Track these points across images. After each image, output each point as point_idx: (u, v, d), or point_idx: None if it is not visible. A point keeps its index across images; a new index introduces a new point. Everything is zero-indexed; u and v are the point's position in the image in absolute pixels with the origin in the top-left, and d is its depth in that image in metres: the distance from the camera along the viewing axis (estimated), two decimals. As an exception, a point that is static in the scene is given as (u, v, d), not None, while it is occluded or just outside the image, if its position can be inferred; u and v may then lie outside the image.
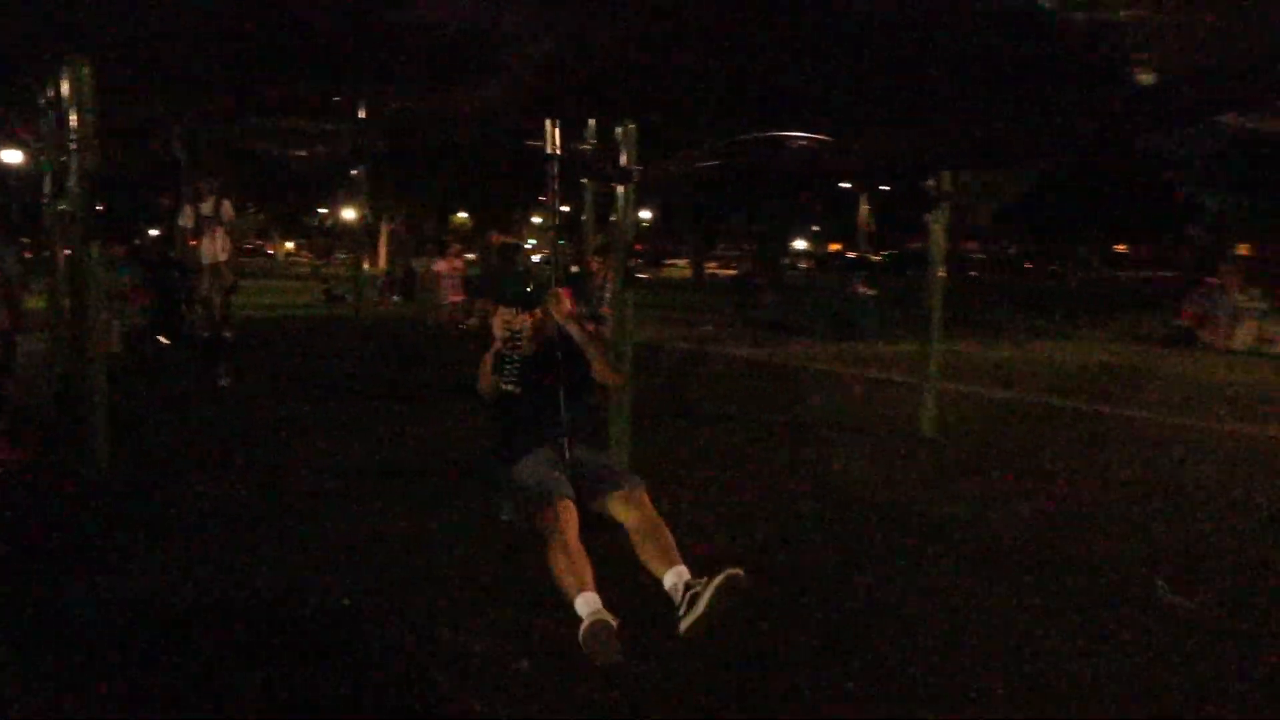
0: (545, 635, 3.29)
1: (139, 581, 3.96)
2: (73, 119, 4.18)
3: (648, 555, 2.98)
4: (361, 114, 9.71)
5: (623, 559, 3.19)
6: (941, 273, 7.50)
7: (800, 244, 50.00)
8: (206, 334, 8.88)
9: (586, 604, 2.72)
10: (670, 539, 3.00)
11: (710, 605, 2.70)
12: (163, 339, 9.96)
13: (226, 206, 8.71)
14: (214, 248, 8.48)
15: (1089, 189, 37.18)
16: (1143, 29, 13.30)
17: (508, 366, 3.23)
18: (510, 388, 3.24)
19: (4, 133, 15.20)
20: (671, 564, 2.91)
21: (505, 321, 3.19)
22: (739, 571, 2.74)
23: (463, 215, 53.24)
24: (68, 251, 5.25)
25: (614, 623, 2.67)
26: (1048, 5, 13.56)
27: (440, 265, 15.98)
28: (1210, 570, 4.37)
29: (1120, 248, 58.27)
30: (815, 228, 50.47)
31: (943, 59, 16.94)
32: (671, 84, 20.12)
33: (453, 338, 10.03)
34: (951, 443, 7.14)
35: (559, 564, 2.83)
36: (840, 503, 5.47)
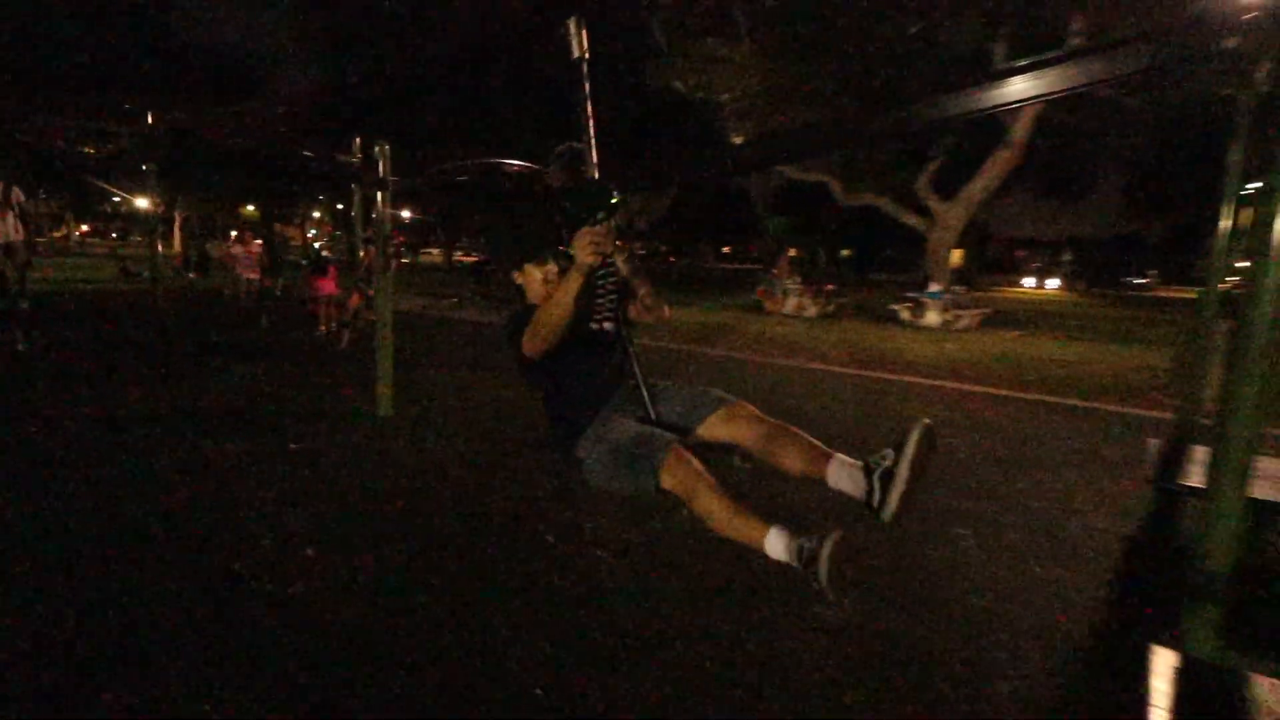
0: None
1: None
2: None
3: (794, 459, 1.91)
4: (149, 119, 8.23)
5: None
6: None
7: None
8: (3, 305, 7.24)
9: (782, 539, 1.72)
10: (804, 433, 1.94)
11: (912, 469, 1.72)
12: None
13: (17, 192, 7.07)
14: (6, 228, 6.88)
15: (707, 207, 40.82)
16: (737, 108, 14.69)
17: (600, 300, 2.06)
18: (607, 325, 2.09)
19: None
20: (829, 456, 1.87)
21: (593, 242, 1.79)
22: (929, 422, 1.78)
23: (250, 208, 46.68)
24: None
25: (836, 537, 1.65)
26: (683, 91, 14.56)
27: (237, 248, 14.74)
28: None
29: (726, 249, 64.37)
30: (533, 228, 50.37)
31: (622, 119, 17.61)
32: (415, 115, 19.17)
33: (328, 337, 9.26)
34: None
35: (720, 514, 1.74)
36: (529, 427, 5.69)
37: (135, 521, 3.35)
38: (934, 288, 14.47)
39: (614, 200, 1.85)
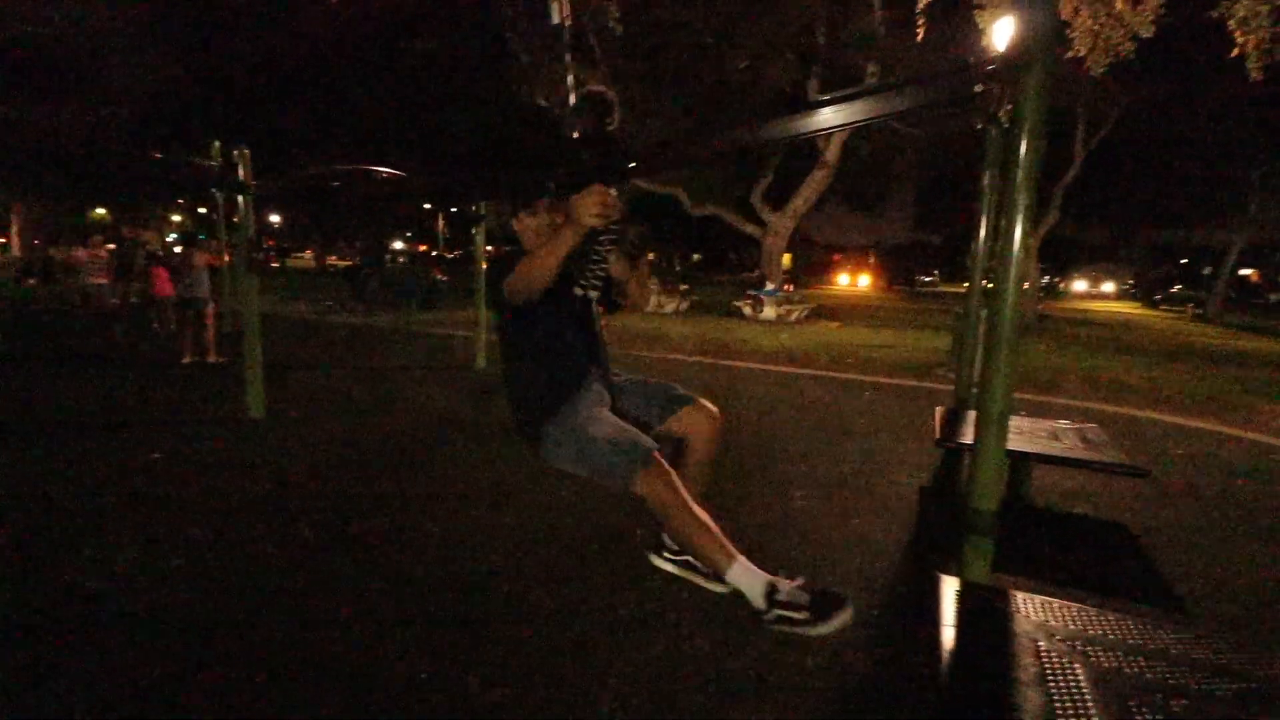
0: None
1: None
2: None
3: (698, 470, 1.86)
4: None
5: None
6: (484, 264, 7.71)
7: (398, 244, 46.91)
8: None
9: (745, 572, 1.59)
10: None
11: (694, 574, 1.81)
12: None
13: None
14: None
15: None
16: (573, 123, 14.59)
17: (594, 264, 1.73)
18: (591, 293, 1.79)
19: None
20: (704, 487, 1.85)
21: (602, 204, 1.48)
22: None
23: (101, 210, 40.45)
24: None
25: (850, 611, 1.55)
26: (557, 112, 14.27)
27: (80, 252, 12.55)
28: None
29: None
30: (408, 233, 47.73)
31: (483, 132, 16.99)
32: (273, 118, 17.46)
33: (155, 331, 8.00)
34: (494, 371, 7.29)
35: (696, 532, 1.59)
36: (413, 412, 5.43)
37: (-44, 551, 2.78)
38: (770, 286, 15.35)
39: (631, 165, 1.64)
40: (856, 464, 4.37)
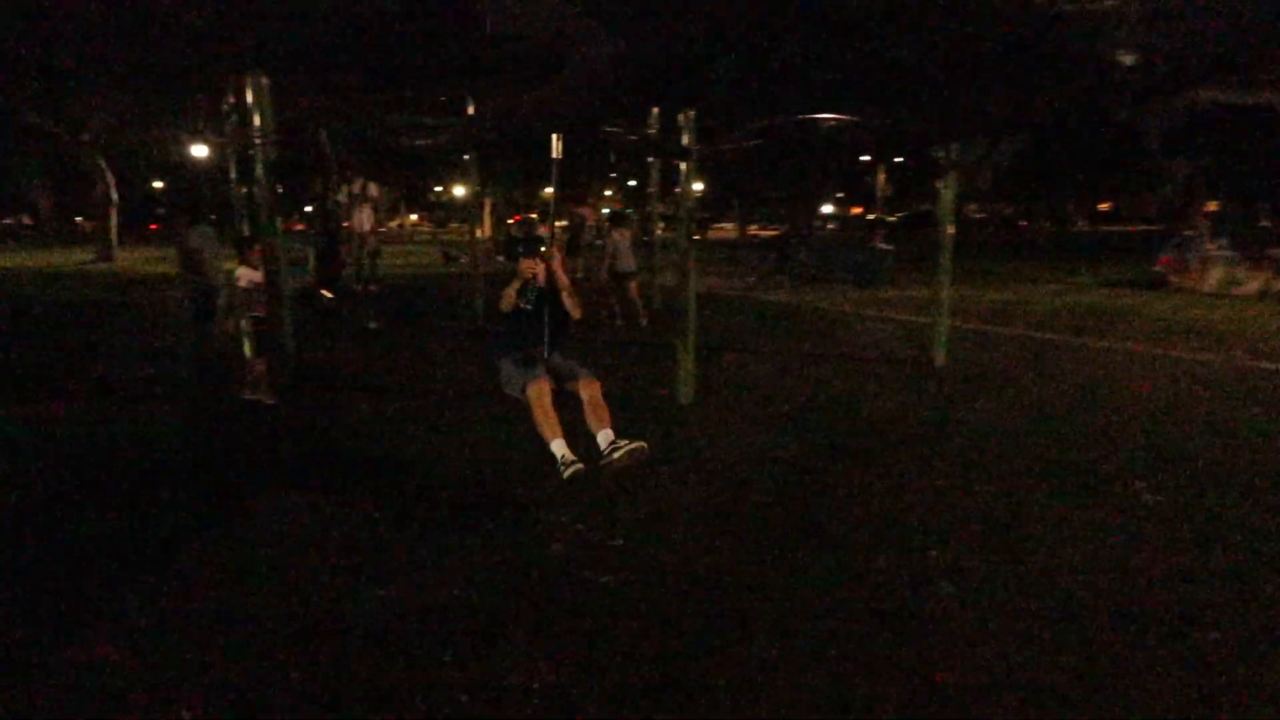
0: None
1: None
2: (256, 120, 4.32)
3: (591, 421, 3.62)
4: (470, 110, 9.75)
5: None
6: (951, 229, 7.32)
7: (828, 208, 48.82)
8: (358, 288, 9.26)
9: (559, 447, 3.51)
10: (607, 413, 3.65)
11: (622, 459, 3.40)
12: (326, 294, 10.46)
13: (372, 187, 8.94)
14: (361, 219, 8.73)
15: (1070, 155, 35.45)
16: (1125, 16, 12.50)
17: (528, 293, 3.90)
18: (526, 305, 3.91)
19: (195, 133, 15.68)
20: (603, 428, 3.58)
21: (529, 265, 3.84)
22: (645, 445, 3.45)
23: (548, 190, 52.97)
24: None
25: (579, 462, 3.45)
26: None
27: (543, 229, 16.37)
28: (1176, 471, 4.29)
29: (1103, 206, 55.46)
30: (840, 194, 49.23)
31: (949, 47, 16.22)
32: (717, 79, 19.78)
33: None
34: (958, 371, 7.05)
35: (540, 419, 3.55)
36: (860, 417, 5.47)
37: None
38: None
39: (542, 249, 3.94)
40: None
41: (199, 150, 20.30)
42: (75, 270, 20.58)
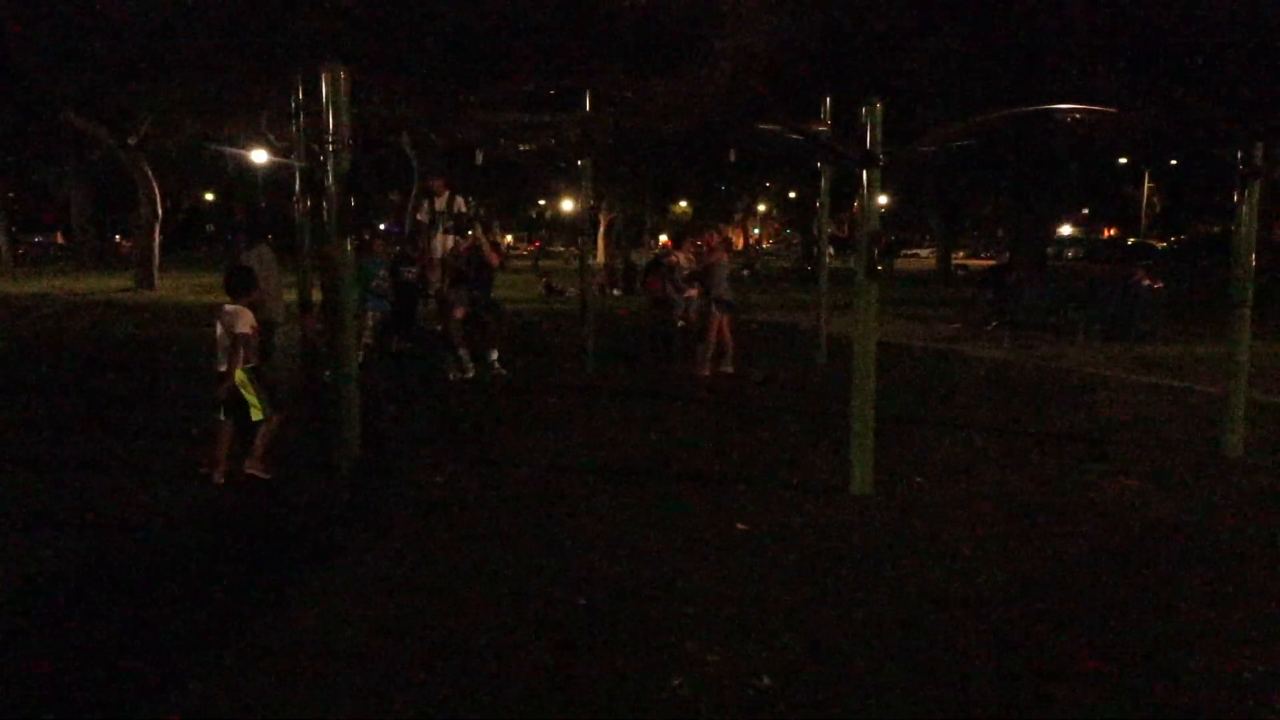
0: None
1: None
2: (330, 122, 4.70)
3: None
4: (587, 104, 10.19)
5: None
6: (1252, 260, 6.89)
7: (1066, 229, 47.09)
8: (439, 327, 9.83)
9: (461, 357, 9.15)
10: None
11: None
12: (396, 339, 11.15)
13: (460, 202, 9.44)
14: (445, 242, 9.22)
15: None
16: None
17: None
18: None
19: (257, 136, 17.17)
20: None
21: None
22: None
23: (682, 205, 54.37)
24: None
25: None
26: None
27: (676, 256, 16.28)
28: None
29: None
30: (1085, 210, 47.36)
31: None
32: (918, 56, 19.64)
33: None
34: (1263, 465, 6.56)
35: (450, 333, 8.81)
36: (1117, 530, 5.18)
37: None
38: None
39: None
40: None
41: (259, 156, 22.22)
42: (112, 298, 22.77)
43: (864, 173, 5.80)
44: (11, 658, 3.56)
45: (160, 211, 26.71)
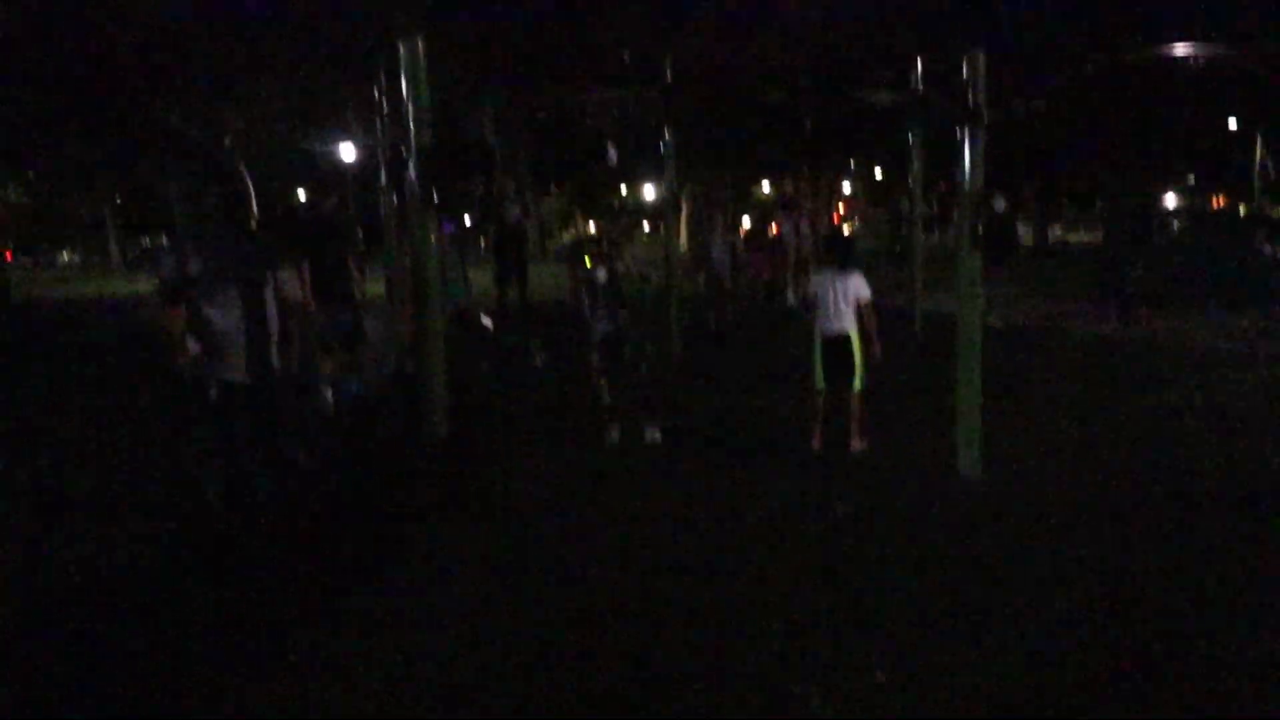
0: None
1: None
2: (406, 95, 4.54)
3: None
4: (668, 74, 9.92)
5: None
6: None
7: (1170, 199, 44.93)
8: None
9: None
10: None
11: None
12: (486, 320, 11.11)
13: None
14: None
15: None
16: None
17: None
18: None
19: (342, 130, 17.36)
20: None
21: None
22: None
23: (764, 189, 53.35)
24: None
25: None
26: None
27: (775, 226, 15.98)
28: None
29: None
30: (1192, 176, 45.18)
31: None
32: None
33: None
34: None
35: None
36: (1257, 518, 4.78)
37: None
38: None
39: None
40: None
41: (347, 151, 22.56)
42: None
43: (967, 131, 5.43)
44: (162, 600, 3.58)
45: (256, 210, 27.40)
